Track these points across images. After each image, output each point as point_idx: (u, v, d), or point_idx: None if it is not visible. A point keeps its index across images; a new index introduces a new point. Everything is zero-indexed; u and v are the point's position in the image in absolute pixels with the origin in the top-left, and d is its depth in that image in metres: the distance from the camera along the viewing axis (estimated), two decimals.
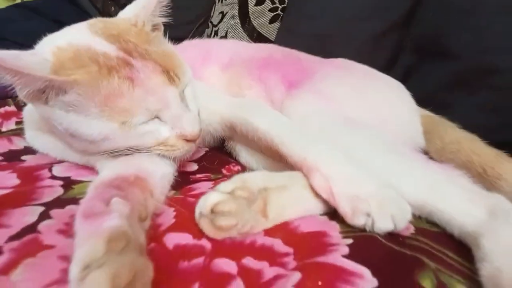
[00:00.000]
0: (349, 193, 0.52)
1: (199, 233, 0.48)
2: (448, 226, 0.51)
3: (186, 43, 0.98)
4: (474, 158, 0.65)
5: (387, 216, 0.50)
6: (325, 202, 0.55)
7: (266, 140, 0.62)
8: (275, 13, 1.31)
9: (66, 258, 0.42)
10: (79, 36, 0.56)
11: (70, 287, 0.36)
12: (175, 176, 0.63)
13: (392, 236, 0.49)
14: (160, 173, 0.58)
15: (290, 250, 0.45)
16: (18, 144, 0.81)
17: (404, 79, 0.96)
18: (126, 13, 0.64)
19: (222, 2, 1.49)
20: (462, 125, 0.76)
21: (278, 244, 0.46)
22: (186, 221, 0.50)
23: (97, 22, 0.60)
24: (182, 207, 0.54)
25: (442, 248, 0.47)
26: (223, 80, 0.87)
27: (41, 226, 0.49)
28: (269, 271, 0.41)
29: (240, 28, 1.37)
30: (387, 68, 1.00)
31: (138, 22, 0.61)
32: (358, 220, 0.50)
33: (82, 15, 1.70)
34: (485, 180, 0.61)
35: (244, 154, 0.76)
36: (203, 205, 0.49)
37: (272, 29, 1.32)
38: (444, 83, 0.92)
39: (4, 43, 1.48)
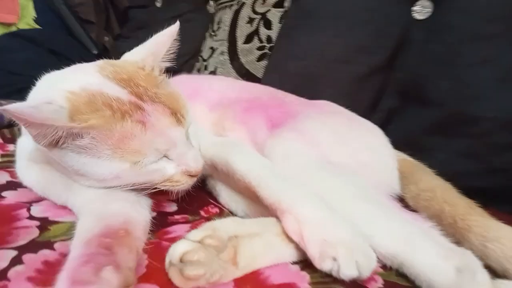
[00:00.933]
0: (319, 237, 0.53)
1: (167, 285, 0.48)
2: (417, 280, 0.52)
3: (174, 79, 1.00)
4: (446, 208, 0.66)
5: (353, 262, 0.50)
6: (297, 249, 0.56)
7: (244, 181, 0.64)
8: (262, 51, 1.35)
9: None
10: (91, 80, 0.58)
11: None
12: (153, 217, 0.64)
13: None
14: (143, 222, 0.59)
15: None
16: (1, 178, 0.81)
17: (386, 122, 1.00)
18: (133, 56, 0.66)
19: (212, 38, 1.53)
20: (441, 170, 0.78)
21: None
22: (157, 272, 0.51)
23: (106, 65, 0.62)
24: (156, 253, 0.55)
25: None
26: (209, 120, 0.90)
27: (11, 273, 0.49)
28: None
29: (229, 65, 1.40)
30: (370, 110, 1.02)
31: (146, 66, 0.63)
32: (325, 264, 0.51)
33: (77, 46, 1.73)
34: (456, 231, 0.62)
35: (224, 195, 0.77)
36: (172, 254, 0.50)
37: (259, 67, 1.35)
38: (425, 128, 0.95)
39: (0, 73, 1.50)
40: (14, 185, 0.74)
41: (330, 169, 0.67)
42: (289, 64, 1.18)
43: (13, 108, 0.48)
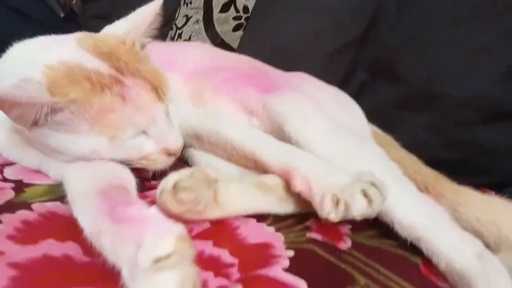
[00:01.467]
0: (326, 185, 0.55)
1: None
2: (435, 256, 0.53)
3: (148, 47, 0.98)
4: (418, 178, 0.70)
5: (360, 195, 0.53)
6: (274, 203, 0.61)
7: (243, 151, 0.67)
8: (238, 21, 1.33)
9: (15, 265, 0.43)
10: (69, 53, 0.57)
11: (133, 270, 0.38)
12: None
13: (331, 248, 0.53)
14: (134, 184, 0.60)
15: (235, 261, 0.48)
16: None
17: (357, 95, 1.02)
18: (115, 29, 0.66)
19: (187, 5, 1.50)
20: (406, 142, 0.82)
21: (225, 255, 0.49)
22: None
23: (86, 38, 0.62)
24: None
25: (376, 263, 0.52)
26: (185, 90, 0.87)
27: None
28: (213, 282, 0.44)
29: (204, 34, 1.38)
30: (342, 83, 1.05)
31: (128, 41, 0.63)
32: (326, 203, 0.53)
33: (44, 7, 1.65)
34: None
35: (202, 164, 0.78)
36: (166, 182, 0.53)
37: (235, 37, 1.34)
38: (393, 102, 0.99)
39: None
40: None
41: (353, 134, 0.69)
42: (265, 37, 1.18)
43: None
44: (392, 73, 0.99)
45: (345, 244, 0.55)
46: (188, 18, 1.47)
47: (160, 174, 0.63)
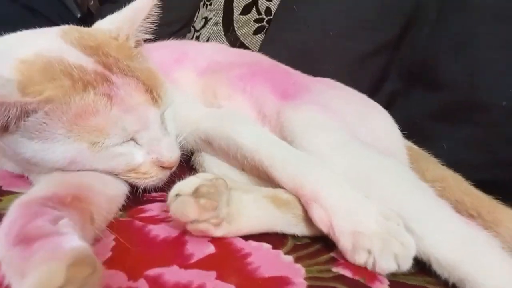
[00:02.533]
0: (351, 227, 0.47)
1: (136, 271, 0.40)
2: None
3: (160, 43, 0.90)
4: (466, 200, 0.60)
5: (390, 255, 0.45)
6: (291, 220, 0.52)
7: (253, 160, 0.57)
8: (260, 24, 1.25)
9: None
10: (49, 46, 0.50)
11: None
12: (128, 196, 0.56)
13: None
14: (108, 195, 0.51)
15: None
16: None
17: (388, 105, 0.92)
18: (106, 24, 0.58)
19: (206, 7, 1.42)
20: (445, 160, 0.72)
21: None
22: (124, 255, 0.43)
23: (71, 30, 0.54)
24: (126, 233, 0.47)
25: None
26: (196, 87, 0.80)
27: None
28: None
29: (223, 36, 1.31)
30: (371, 91, 0.94)
31: (121, 36, 0.55)
32: (359, 258, 0.46)
33: (58, 6, 1.60)
34: (480, 225, 0.54)
35: (215, 172, 0.69)
36: (183, 186, 0.46)
37: (255, 41, 1.26)
38: (430, 113, 0.88)
39: None
40: None
41: (371, 148, 0.59)
42: (288, 37, 1.09)
43: None
44: (430, 80, 0.88)
45: (381, 285, 0.44)
46: (207, 20, 1.39)
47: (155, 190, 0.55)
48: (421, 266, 0.47)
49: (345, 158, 0.56)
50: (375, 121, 0.71)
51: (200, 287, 0.39)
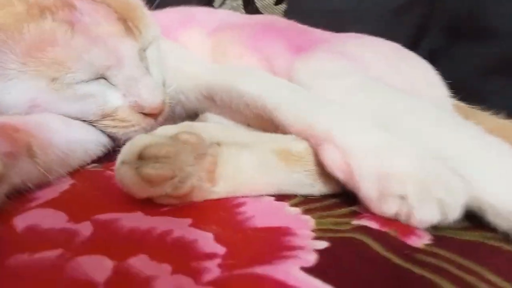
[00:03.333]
0: (376, 168, 0.35)
1: (83, 214, 0.30)
2: None
3: (168, 9, 0.83)
4: None
5: (432, 201, 0.33)
6: (304, 180, 0.39)
7: (256, 106, 0.46)
8: None
9: None
10: None
11: None
12: (109, 150, 0.47)
13: (395, 243, 0.30)
14: (71, 136, 0.42)
15: (220, 250, 0.27)
16: None
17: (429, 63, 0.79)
18: None
19: None
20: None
21: (205, 240, 0.28)
22: (76, 196, 0.33)
23: None
24: (89, 181, 0.37)
25: (477, 266, 0.28)
26: (205, 46, 0.72)
27: None
28: (163, 283, 0.23)
29: (243, 10, 1.22)
30: (409, 49, 0.82)
31: None
32: (389, 207, 0.34)
33: None
34: None
35: (218, 132, 0.59)
36: (129, 148, 0.33)
37: (276, 12, 1.16)
38: (480, 68, 0.75)
39: None
40: None
41: (394, 89, 0.48)
42: (311, 2, 1.00)
43: None
44: (478, 31, 0.75)
45: (420, 240, 0.32)
46: None
47: None
48: (474, 218, 0.34)
49: (367, 101, 0.44)
50: (409, 69, 0.60)
51: (164, 234, 0.29)
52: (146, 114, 0.46)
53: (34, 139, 0.36)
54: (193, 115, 0.64)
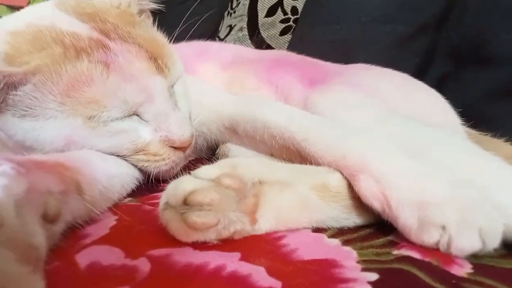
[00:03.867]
0: (413, 197, 0.35)
1: (137, 250, 0.31)
2: None
3: (183, 43, 0.86)
4: None
5: (472, 229, 0.33)
6: (342, 212, 0.40)
7: (282, 138, 0.48)
8: (286, 24, 1.20)
9: None
10: (42, 15, 0.46)
11: None
12: (140, 182, 0.48)
13: (440, 273, 0.31)
14: (108, 170, 0.43)
15: (276, 284, 0.28)
16: None
17: (438, 89, 0.82)
18: None
19: (230, 15, 1.39)
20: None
21: (258, 274, 0.29)
22: (125, 233, 0.34)
23: (68, 0, 0.49)
24: (131, 215, 0.38)
25: None
26: (221, 79, 0.75)
27: None
28: None
29: (248, 41, 1.26)
30: (416, 76, 0.85)
31: (122, 4, 0.50)
32: (429, 237, 0.34)
33: None
34: None
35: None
36: (173, 192, 0.34)
37: (282, 41, 1.20)
38: (487, 93, 0.78)
39: None
40: None
41: (415, 120, 0.50)
42: (317, 32, 1.03)
43: None
44: (484, 56, 0.78)
45: (462, 269, 0.32)
46: (231, 28, 1.36)
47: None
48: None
49: (390, 132, 0.46)
50: (420, 96, 0.63)
51: (218, 269, 0.29)
52: (175, 148, 0.47)
53: (81, 176, 0.37)
54: (214, 146, 0.66)
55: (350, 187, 0.40)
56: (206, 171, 0.36)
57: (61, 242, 0.31)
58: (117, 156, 0.46)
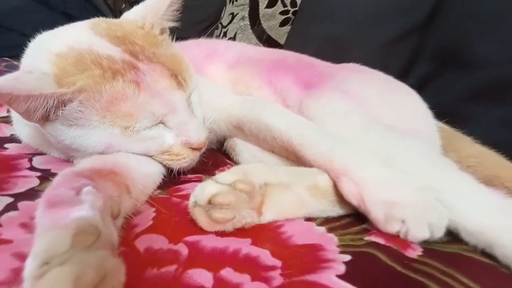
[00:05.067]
0: (382, 198, 0.48)
1: (176, 237, 0.42)
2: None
3: (191, 41, 0.94)
4: (502, 173, 0.59)
5: (424, 223, 0.46)
6: (328, 206, 0.52)
7: (282, 140, 0.59)
8: (286, 16, 1.27)
9: (21, 256, 0.37)
10: (80, 38, 0.53)
11: (25, 286, 0.31)
12: (165, 176, 0.59)
13: (397, 255, 0.43)
14: (143, 171, 0.53)
15: (277, 263, 0.39)
16: (5, 131, 0.77)
17: (418, 88, 0.90)
18: (133, 15, 0.61)
19: (233, 3, 1.45)
20: (482, 140, 0.71)
21: (265, 256, 0.41)
22: (165, 222, 0.45)
23: (100, 22, 0.57)
24: (164, 207, 0.49)
25: (455, 272, 0.40)
26: (227, 79, 0.84)
27: (4, 218, 0.44)
28: (249, 287, 0.35)
29: (250, 30, 1.33)
30: (401, 75, 0.92)
31: (146, 24, 0.58)
32: (392, 227, 0.47)
33: (92, 11, 1.68)
34: None
35: (246, 155, 0.71)
36: (200, 194, 0.45)
37: (282, 33, 1.27)
38: (464, 94, 0.85)
39: (11, 33, 1.47)
40: (18, 139, 0.69)
41: (393, 130, 0.60)
42: (314, 27, 1.10)
43: None
44: (463, 61, 0.85)
45: (414, 252, 0.44)
46: (233, 16, 1.42)
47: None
48: (455, 235, 0.47)
49: (371, 139, 0.56)
50: (401, 102, 0.71)
51: (236, 251, 0.41)
52: (193, 149, 0.57)
53: (128, 179, 0.48)
54: (222, 140, 0.76)
55: (335, 186, 0.52)
56: (224, 177, 0.47)
57: (120, 232, 0.42)
58: (147, 156, 0.56)
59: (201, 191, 0.45)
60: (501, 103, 0.79)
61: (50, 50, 0.51)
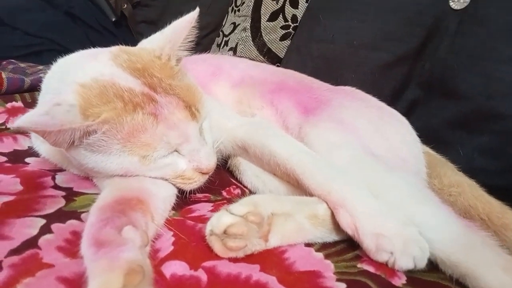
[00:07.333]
0: (374, 230, 0.54)
1: (195, 262, 0.49)
2: None
3: (196, 57, 0.99)
4: (479, 205, 0.66)
5: (409, 256, 0.52)
6: (326, 234, 0.58)
7: (285, 167, 0.65)
8: (286, 31, 1.32)
9: (64, 280, 0.43)
10: (103, 70, 0.56)
11: None
12: (178, 196, 0.64)
13: (385, 284, 0.50)
14: (162, 196, 0.59)
15: None
16: (22, 143, 0.81)
17: (408, 113, 0.98)
18: (150, 43, 0.64)
19: (235, 13, 1.50)
20: (462, 166, 0.78)
21: (272, 282, 0.47)
22: (184, 248, 0.51)
23: (120, 53, 0.60)
24: (181, 231, 0.55)
25: None
26: (232, 97, 0.89)
27: (42, 241, 0.50)
28: None
29: (251, 42, 1.38)
30: (392, 99, 1.00)
31: (163, 55, 0.61)
32: (381, 257, 0.53)
33: (95, 11, 1.70)
34: (490, 229, 0.62)
35: (249, 174, 0.77)
36: (216, 224, 0.51)
37: (282, 46, 1.33)
38: (448, 121, 0.92)
39: (15, 32, 1.49)
40: (35, 152, 0.74)
41: (381, 163, 0.67)
42: (313, 46, 1.16)
43: (27, 123, 0.48)
44: (448, 90, 0.92)
45: (400, 280, 0.51)
46: (235, 26, 1.47)
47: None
48: (435, 264, 0.54)
49: (362, 172, 0.63)
50: (391, 131, 0.77)
51: (248, 278, 0.47)
52: (203, 173, 0.62)
53: (151, 206, 0.54)
54: (227, 158, 0.82)
55: (332, 215, 0.59)
56: (237, 208, 0.53)
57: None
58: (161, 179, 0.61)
59: (217, 221, 0.51)
60: (479, 134, 0.86)
61: (75, 80, 0.55)
